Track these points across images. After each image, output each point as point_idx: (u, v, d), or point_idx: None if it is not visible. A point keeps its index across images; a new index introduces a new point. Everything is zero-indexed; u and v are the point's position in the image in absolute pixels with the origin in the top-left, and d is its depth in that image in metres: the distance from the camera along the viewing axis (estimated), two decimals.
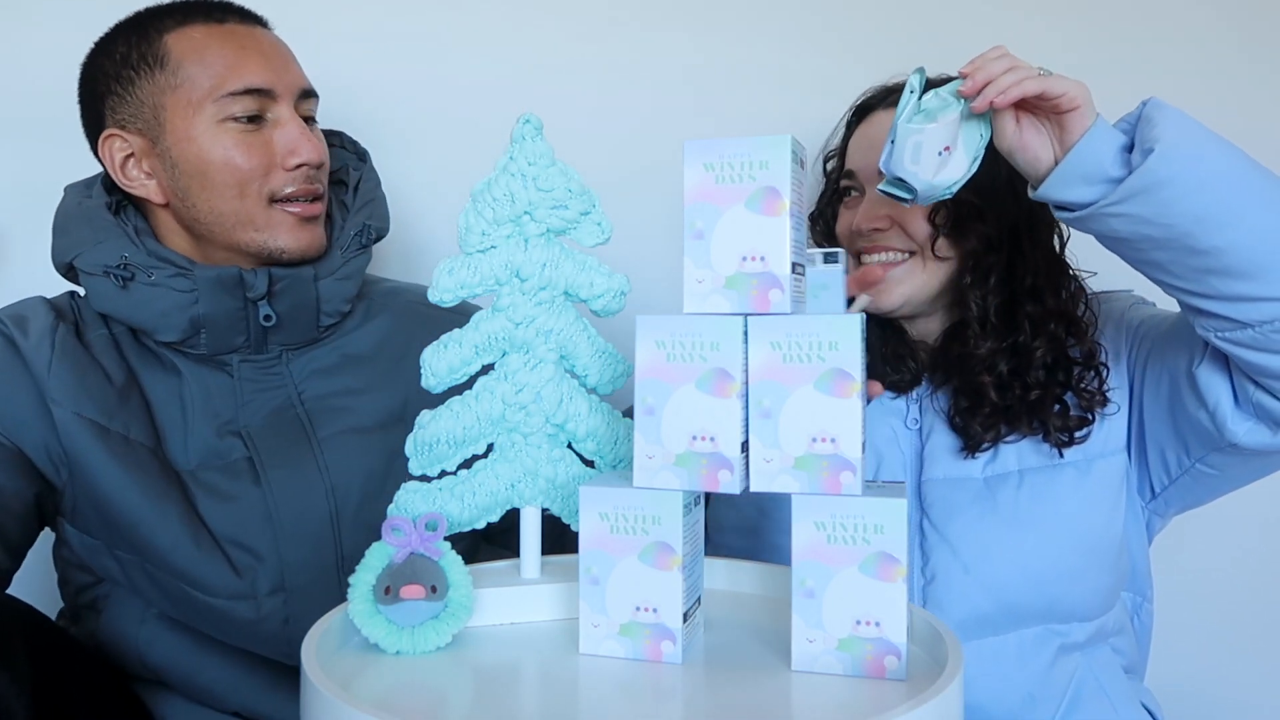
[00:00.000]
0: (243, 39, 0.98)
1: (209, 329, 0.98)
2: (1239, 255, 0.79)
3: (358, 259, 1.04)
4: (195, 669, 1.00)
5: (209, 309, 0.97)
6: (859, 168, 1.05)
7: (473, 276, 0.74)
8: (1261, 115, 1.37)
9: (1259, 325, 0.81)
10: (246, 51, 0.97)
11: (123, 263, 0.96)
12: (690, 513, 0.68)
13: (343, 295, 1.03)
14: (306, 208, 0.99)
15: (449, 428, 0.76)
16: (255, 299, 0.98)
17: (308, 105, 1.01)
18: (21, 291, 1.06)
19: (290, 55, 1.01)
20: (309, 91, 1.01)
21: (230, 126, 0.96)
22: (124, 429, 0.96)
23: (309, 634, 0.67)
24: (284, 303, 0.99)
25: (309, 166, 0.98)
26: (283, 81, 0.98)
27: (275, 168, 0.97)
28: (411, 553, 0.70)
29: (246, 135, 0.96)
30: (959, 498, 0.98)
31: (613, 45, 1.37)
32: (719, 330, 0.65)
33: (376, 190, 1.09)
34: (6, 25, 1.28)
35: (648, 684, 0.64)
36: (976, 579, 0.95)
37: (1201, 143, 0.79)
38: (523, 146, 0.74)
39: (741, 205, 0.65)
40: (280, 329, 1.00)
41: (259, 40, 0.99)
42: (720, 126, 1.35)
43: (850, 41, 1.38)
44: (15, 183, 1.29)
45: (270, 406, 1.01)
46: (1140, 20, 1.38)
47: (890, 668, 0.63)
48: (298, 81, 1.00)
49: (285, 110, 0.98)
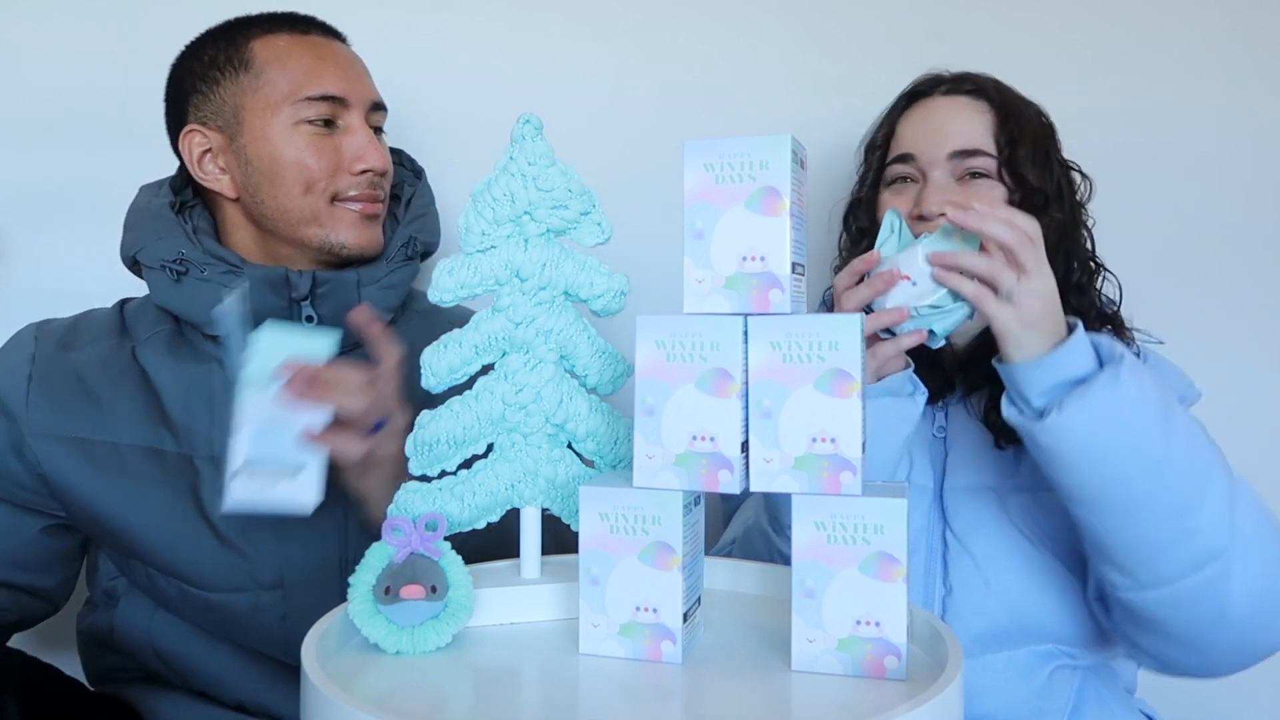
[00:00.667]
0: (322, 50, 1.04)
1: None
2: (1112, 542, 0.87)
3: (402, 270, 1.07)
4: (201, 659, 1.03)
5: (255, 306, 0.99)
6: (920, 151, 1.03)
7: (473, 276, 0.74)
8: (1263, 115, 1.37)
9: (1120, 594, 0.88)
10: (325, 61, 1.03)
11: (179, 258, 1.01)
12: (690, 513, 0.68)
13: (384, 303, 1.05)
14: (368, 206, 1.04)
15: (449, 428, 0.76)
16: (298, 299, 1.02)
17: (377, 117, 1.07)
18: (22, 292, 1.07)
19: (364, 70, 1.07)
20: (379, 105, 1.07)
21: (304, 129, 1.01)
22: (111, 437, 0.98)
23: (309, 634, 0.67)
24: (326, 305, 1.03)
25: (374, 173, 1.04)
26: (355, 92, 1.03)
27: (342, 171, 1.02)
28: (411, 553, 0.70)
29: (318, 138, 1.02)
30: (981, 509, 0.98)
31: (612, 46, 1.37)
32: (719, 330, 0.65)
33: (429, 207, 1.13)
34: (7, 26, 1.28)
35: (648, 684, 0.64)
36: (996, 593, 0.95)
37: (1105, 429, 0.83)
38: (523, 146, 0.74)
39: (741, 205, 0.65)
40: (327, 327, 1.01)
41: (337, 53, 1.05)
42: (721, 127, 1.35)
43: (853, 42, 1.38)
44: (15, 183, 1.29)
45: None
46: (1146, 19, 1.38)
47: (890, 668, 0.63)
48: (369, 94, 1.06)
49: (356, 119, 1.03)
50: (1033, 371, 0.85)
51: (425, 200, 1.14)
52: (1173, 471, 0.83)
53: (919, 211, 1.00)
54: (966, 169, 1.01)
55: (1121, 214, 1.30)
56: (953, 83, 1.06)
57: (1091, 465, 0.83)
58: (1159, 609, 0.87)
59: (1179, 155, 1.38)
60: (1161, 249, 1.37)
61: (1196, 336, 1.22)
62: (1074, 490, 0.86)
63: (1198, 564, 0.84)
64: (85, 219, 1.28)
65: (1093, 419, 0.82)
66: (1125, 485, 0.83)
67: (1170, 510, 0.83)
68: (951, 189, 1.00)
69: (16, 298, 1.07)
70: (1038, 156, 1.01)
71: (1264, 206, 1.38)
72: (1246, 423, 1.34)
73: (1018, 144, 1.00)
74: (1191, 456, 0.84)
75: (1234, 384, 1.34)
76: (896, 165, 1.05)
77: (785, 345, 0.64)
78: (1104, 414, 0.82)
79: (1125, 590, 0.88)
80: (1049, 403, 0.85)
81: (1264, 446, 1.37)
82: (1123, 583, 0.88)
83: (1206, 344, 1.29)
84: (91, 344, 1.04)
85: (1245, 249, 1.38)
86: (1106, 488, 0.84)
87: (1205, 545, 0.84)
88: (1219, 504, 0.84)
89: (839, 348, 0.64)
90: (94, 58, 1.28)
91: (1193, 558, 0.84)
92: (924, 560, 0.98)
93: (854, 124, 1.13)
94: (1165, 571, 0.85)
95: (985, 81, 1.05)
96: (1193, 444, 0.85)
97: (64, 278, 1.12)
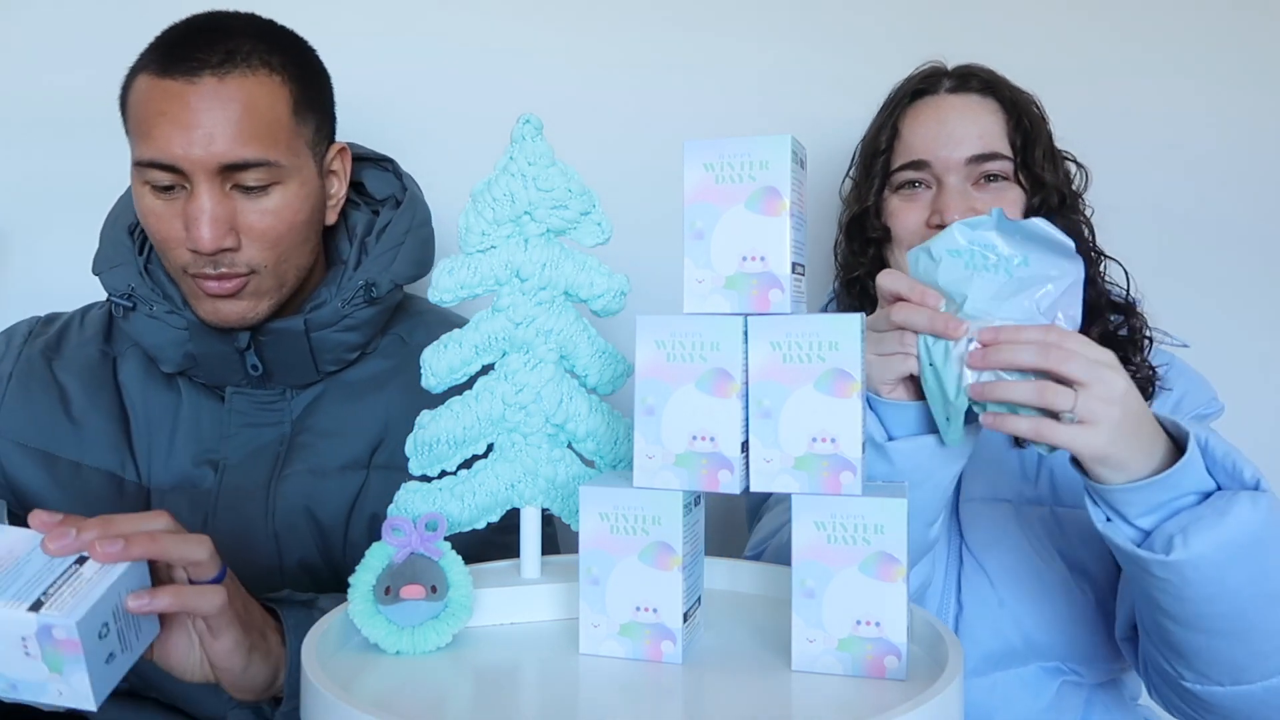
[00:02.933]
0: (169, 102, 0.88)
1: (202, 366, 0.99)
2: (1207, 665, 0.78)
3: (363, 311, 0.98)
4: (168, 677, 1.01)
5: (200, 349, 0.97)
6: (935, 157, 0.99)
7: (473, 276, 0.74)
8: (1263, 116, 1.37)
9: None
10: (164, 119, 0.88)
11: (128, 292, 0.97)
12: (690, 513, 0.68)
13: (346, 345, 0.99)
14: (211, 285, 0.92)
15: (449, 428, 0.76)
16: (240, 349, 0.97)
17: (244, 176, 0.90)
18: (21, 292, 1.07)
19: (225, 121, 0.88)
20: (241, 165, 0.89)
21: (147, 190, 0.91)
22: (76, 455, 0.97)
23: (309, 634, 0.67)
24: (271, 353, 0.98)
25: (200, 255, 0.90)
26: (192, 156, 0.88)
27: (180, 243, 0.91)
28: (411, 553, 0.70)
29: (159, 203, 0.91)
30: (998, 523, 0.96)
31: (612, 46, 1.37)
32: (719, 330, 0.65)
33: (406, 235, 1.02)
34: (7, 26, 1.28)
35: (648, 684, 0.64)
36: (1010, 612, 0.94)
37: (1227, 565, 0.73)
38: (523, 146, 0.74)
39: (741, 205, 0.65)
40: (277, 373, 0.99)
41: (185, 106, 0.88)
42: (721, 127, 1.35)
43: (853, 42, 1.38)
44: (15, 183, 1.29)
45: (259, 441, 1.00)
46: (1152, 18, 1.38)
47: (890, 668, 0.63)
48: (216, 157, 0.88)
49: (200, 184, 0.89)
50: (1137, 493, 0.73)
51: (400, 229, 1.02)
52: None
53: (939, 220, 0.97)
54: (983, 173, 0.98)
55: (1120, 214, 1.30)
56: (958, 79, 1.03)
57: (1211, 598, 0.74)
58: (1229, 700, 0.80)
59: (1178, 155, 1.38)
60: (1162, 250, 1.37)
61: (1200, 337, 1.22)
62: (1177, 614, 0.76)
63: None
64: (85, 219, 1.27)
65: (1223, 552, 0.72)
66: (1243, 616, 0.75)
67: (1277, 629, 0.76)
68: (968, 194, 0.98)
69: (16, 298, 1.07)
70: (1048, 154, 0.99)
71: (1267, 207, 1.38)
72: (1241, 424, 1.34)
73: (1032, 144, 0.98)
74: None
75: (1234, 384, 1.34)
76: (907, 171, 1.01)
77: (785, 345, 0.64)
78: (1237, 547, 0.72)
79: (1194, 684, 0.81)
80: (1158, 524, 0.74)
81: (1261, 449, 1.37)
82: (1194, 678, 0.81)
83: (1210, 345, 1.29)
84: (79, 348, 1.03)
85: (1249, 249, 1.38)
86: (1221, 618, 0.75)
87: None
88: None
89: (839, 348, 0.63)
90: (94, 58, 1.28)
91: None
92: (941, 576, 0.95)
93: (854, 124, 1.13)
94: (1251, 676, 0.78)
95: (989, 77, 1.02)
96: None
97: (64, 278, 1.12)
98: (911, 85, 1.05)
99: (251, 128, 0.89)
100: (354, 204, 1.07)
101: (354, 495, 1.00)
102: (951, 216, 0.95)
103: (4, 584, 0.64)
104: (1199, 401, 0.98)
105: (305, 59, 0.97)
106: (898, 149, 1.02)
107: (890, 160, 1.03)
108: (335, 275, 1.00)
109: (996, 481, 0.97)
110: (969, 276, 0.76)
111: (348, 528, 0.99)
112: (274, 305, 0.96)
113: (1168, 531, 0.73)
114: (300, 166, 0.94)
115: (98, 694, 0.65)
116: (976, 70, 1.03)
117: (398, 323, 1.07)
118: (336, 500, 0.99)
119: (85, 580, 0.65)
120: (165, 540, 0.70)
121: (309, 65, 0.97)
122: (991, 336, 0.73)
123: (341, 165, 1.01)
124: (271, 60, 0.91)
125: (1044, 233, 0.74)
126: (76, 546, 0.67)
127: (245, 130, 0.89)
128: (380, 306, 1.00)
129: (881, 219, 1.03)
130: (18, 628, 0.63)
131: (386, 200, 1.06)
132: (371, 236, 1.02)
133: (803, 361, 0.64)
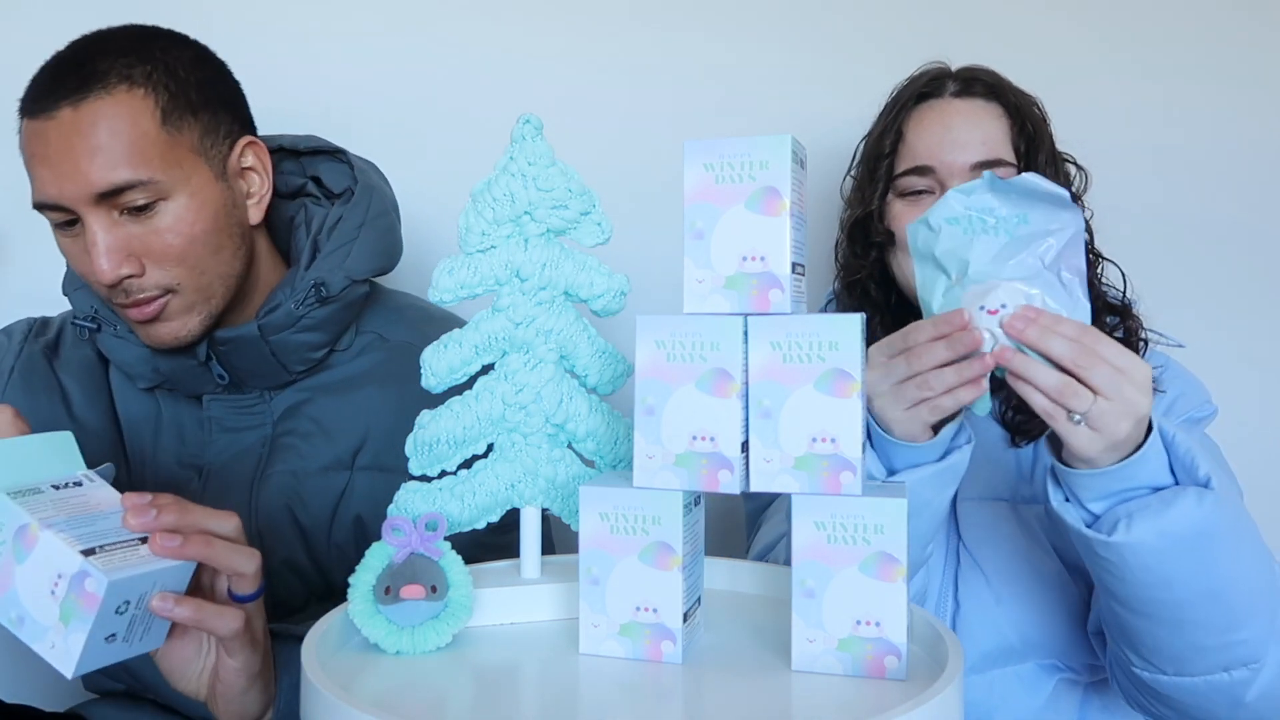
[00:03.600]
0: (36, 142, 0.87)
1: (173, 379, 0.98)
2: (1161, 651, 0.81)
3: (319, 311, 0.96)
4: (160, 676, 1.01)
5: (166, 365, 0.97)
6: (940, 164, 0.98)
7: (473, 276, 0.74)
8: (1263, 116, 1.37)
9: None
10: (36, 160, 0.87)
11: (93, 314, 0.97)
12: (690, 513, 0.68)
13: (308, 345, 0.97)
14: (131, 312, 0.91)
15: (449, 428, 0.76)
16: (202, 361, 0.96)
17: (125, 199, 0.86)
18: (21, 292, 1.07)
19: (87, 150, 0.85)
20: (118, 188, 0.86)
21: (56, 230, 0.91)
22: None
23: (309, 634, 0.67)
24: (234, 361, 0.96)
25: (102, 286, 0.88)
26: (67, 192, 0.85)
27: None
28: (411, 553, 0.70)
29: (69, 240, 0.90)
30: (994, 522, 0.96)
31: (613, 45, 1.37)
32: (719, 330, 0.65)
33: (359, 230, 0.99)
34: (7, 26, 1.28)
35: (648, 684, 0.64)
36: (1006, 611, 0.94)
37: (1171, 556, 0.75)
38: (523, 146, 0.74)
39: (741, 205, 0.65)
40: (246, 379, 0.98)
41: (48, 141, 0.86)
42: (721, 127, 1.35)
43: (853, 42, 1.38)
44: (16, 184, 1.29)
45: (242, 445, 1.00)
46: (1152, 18, 1.38)
47: (890, 668, 0.63)
48: (90, 186, 0.85)
49: (87, 217, 0.87)
50: (1095, 479, 0.77)
51: (355, 221, 0.99)
52: (1235, 594, 0.78)
53: None
54: None
55: (1118, 214, 1.30)
56: (962, 83, 1.02)
57: (1151, 584, 0.77)
58: (1174, 690, 0.83)
59: (1178, 156, 1.38)
60: (1162, 250, 1.37)
61: (1199, 338, 1.22)
62: (1121, 596, 0.80)
63: (1228, 667, 0.80)
64: None
65: (1163, 541, 0.75)
66: (1183, 607, 0.78)
67: (1221, 627, 0.79)
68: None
69: (16, 298, 1.07)
70: (1051, 158, 0.99)
71: (1267, 208, 1.38)
72: (1241, 424, 1.34)
73: (1036, 150, 0.98)
74: (1253, 576, 0.79)
75: (1233, 385, 1.34)
76: (911, 177, 1.00)
77: (785, 345, 0.64)
78: (1178, 539, 0.75)
79: (1141, 670, 0.84)
80: (1109, 509, 0.77)
81: (1261, 450, 1.37)
82: (1141, 664, 0.83)
83: (1209, 346, 1.29)
84: (75, 349, 1.03)
85: (1250, 250, 1.38)
86: (1161, 606, 0.78)
87: (1244, 655, 0.80)
88: (1267, 617, 0.80)
89: (839, 348, 0.63)
90: None
91: (1226, 663, 0.80)
92: (939, 576, 0.96)
93: (854, 124, 1.13)
94: (1192, 668, 0.81)
95: (994, 80, 1.02)
96: (1255, 563, 0.79)
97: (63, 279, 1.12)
98: (916, 88, 1.04)
99: (117, 150, 0.85)
100: (315, 199, 1.05)
101: (337, 496, 0.99)
102: None
103: (74, 524, 0.68)
104: (1192, 404, 0.98)
105: (180, 61, 0.91)
106: (902, 153, 1.02)
107: (894, 164, 1.02)
108: (290, 276, 0.98)
109: (993, 480, 0.98)
110: (969, 242, 0.76)
111: (331, 528, 0.99)
112: (207, 318, 0.93)
113: (1115, 515, 0.76)
114: (187, 176, 0.89)
115: (81, 665, 0.66)
116: (981, 74, 1.03)
117: (372, 318, 1.04)
118: (318, 501, 0.99)
119: (138, 556, 0.68)
120: (219, 547, 0.71)
121: (186, 67, 0.91)
122: (1034, 314, 0.73)
123: (257, 160, 0.96)
124: (132, 74, 0.87)
125: (1039, 187, 0.74)
126: (151, 527, 0.69)
127: (111, 154, 0.85)
128: (338, 304, 0.97)
129: (884, 223, 1.03)
130: (62, 563, 0.65)
131: (344, 194, 1.03)
132: (323, 233, 0.99)
133: (803, 361, 0.64)
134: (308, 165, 1.07)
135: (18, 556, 0.66)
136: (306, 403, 1.01)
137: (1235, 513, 0.78)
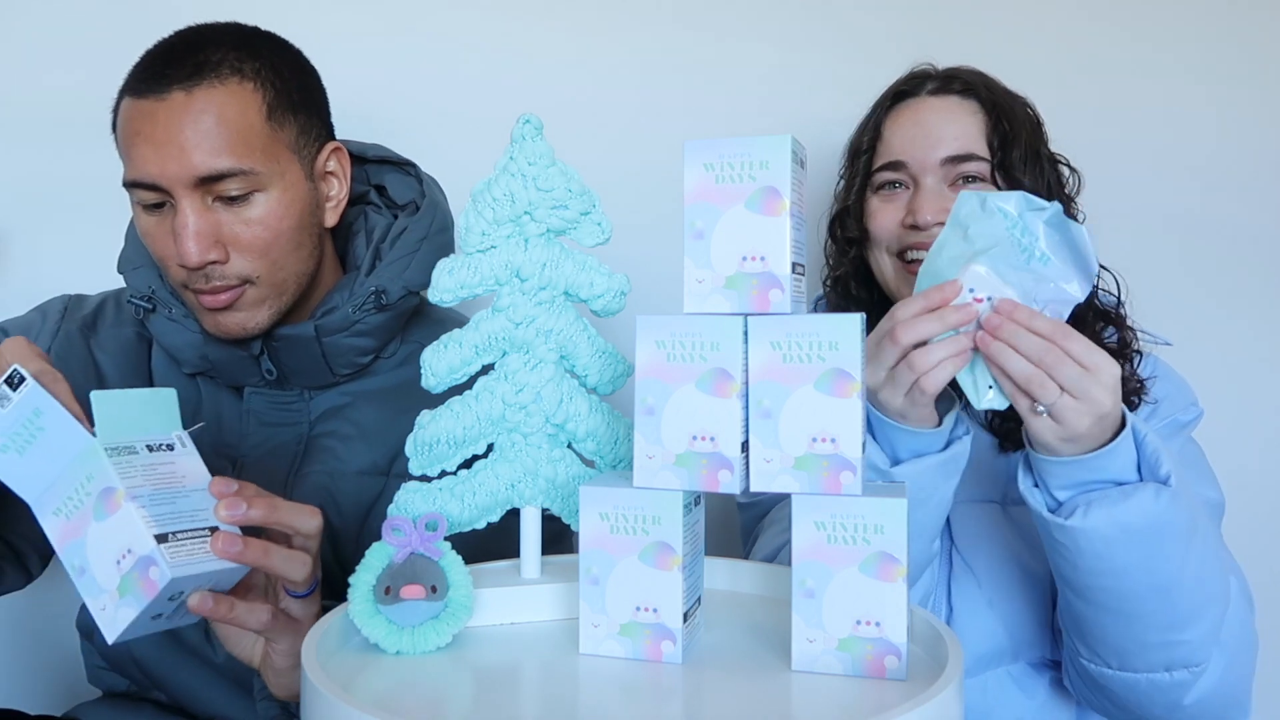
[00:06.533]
0: (143, 121, 0.88)
1: (219, 369, 0.99)
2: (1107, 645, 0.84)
3: (374, 318, 0.98)
4: (172, 670, 1.01)
5: (215, 353, 0.97)
6: (911, 158, 1.00)
7: (473, 276, 0.74)
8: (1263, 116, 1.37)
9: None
10: (140, 138, 0.88)
11: (149, 294, 0.98)
12: (690, 513, 0.68)
13: (358, 349, 0.99)
14: (206, 299, 0.92)
15: (449, 428, 0.76)
16: (254, 355, 0.98)
17: (223, 187, 0.89)
18: (22, 292, 1.07)
19: (195, 134, 0.88)
20: (215, 176, 0.88)
21: (139, 209, 0.92)
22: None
23: (309, 634, 0.67)
24: (284, 358, 0.98)
25: (187, 269, 0.90)
26: (168, 173, 0.88)
27: (173, 259, 0.91)
28: (411, 553, 0.70)
29: (152, 222, 0.92)
30: (985, 524, 0.97)
31: (613, 45, 1.37)
32: (719, 330, 0.65)
33: (421, 243, 1.01)
34: (8, 27, 1.28)
35: (648, 684, 0.64)
36: (999, 613, 0.95)
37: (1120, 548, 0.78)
38: (523, 146, 0.74)
39: (741, 205, 0.65)
40: (292, 376, 0.99)
41: (158, 122, 0.88)
42: (721, 126, 1.35)
43: (853, 42, 1.38)
44: (16, 183, 1.29)
45: (277, 440, 1.01)
46: (1152, 18, 1.38)
47: (890, 668, 0.63)
48: (190, 170, 0.88)
49: (181, 200, 0.89)
50: (1063, 468, 0.80)
51: (418, 234, 1.01)
52: (1181, 593, 0.80)
53: (912, 220, 0.99)
54: (959, 174, 0.99)
55: (1118, 214, 1.31)
56: (941, 81, 1.03)
57: (1101, 572, 0.80)
58: (1117, 685, 0.86)
59: (1176, 156, 1.38)
60: (1162, 251, 1.37)
61: (1193, 338, 1.22)
62: (1073, 582, 0.83)
63: (1170, 667, 0.83)
64: (85, 219, 1.28)
65: (1116, 530, 0.78)
66: (1130, 598, 0.81)
67: (1165, 624, 0.81)
68: (944, 195, 0.98)
69: (16, 298, 1.07)
70: (1029, 156, 0.99)
71: (1261, 208, 1.39)
72: (1240, 425, 1.34)
73: (1010, 146, 0.98)
74: (1202, 580, 0.81)
75: (1230, 386, 1.34)
76: (885, 172, 1.02)
77: (785, 345, 0.64)
78: (1131, 530, 0.78)
79: (1088, 661, 0.87)
80: (1072, 498, 0.80)
81: (1260, 450, 1.37)
82: (1088, 655, 0.87)
83: (1204, 346, 1.29)
84: (115, 328, 1.03)
85: (1250, 250, 1.38)
86: (1109, 595, 0.81)
87: (1186, 656, 0.82)
88: (1211, 623, 0.82)
89: (839, 348, 0.64)
90: (92, 58, 1.28)
91: (1168, 662, 0.83)
92: (931, 579, 0.96)
93: (854, 124, 1.13)
94: (1135, 663, 0.84)
95: (973, 78, 1.03)
96: (1206, 567, 0.82)
97: (64, 278, 1.12)
98: (895, 87, 1.06)
99: (223, 138, 0.88)
100: (376, 208, 1.07)
101: (371, 501, 1.00)
102: (925, 217, 0.97)
103: (157, 500, 0.69)
104: (1177, 407, 0.99)
105: (284, 62, 0.95)
106: (878, 150, 1.04)
107: (871, 161, 1.04)
108: (349, 280, 1.00)
109: (984, 483, 0.98)
110: (1000, 238, 0.78)
111: (362, 532, 0.99)
112: (276, 313, 0.96)
113: (1075, 503, 0.79)
114: (282, 171, 0.92)
115: (124, 635, 0.68)
116: (961, 72, 1.04)
117: (418, 330, 1.06)
118: (351, 503, 0.99)
119: (204, 552, 0.69)
120: (275, 557, 0.73)
121: (289, 68, 0.95)
122: (1009, 309, 0.77)
123: (339, 166, 1.00)
124: (243, 67, 0.90)
125: (1081, 245, 0.77)
126: (241, 520, 0.71)
127: (217, 141, 0.88)
128: (392, 313, 0.99)
129: (861, 220, 1.05)
130: (134, 540, 0.67)
131: (407, 205, 1.05)
132: (386, 242, 1.02)
133: (803, 361, 0.64)
134: (372, 173, 1.09)
135: (97, 514, 0.67)
136: (348, 406, 1.02)
137: (1192, 515, 0.80)
